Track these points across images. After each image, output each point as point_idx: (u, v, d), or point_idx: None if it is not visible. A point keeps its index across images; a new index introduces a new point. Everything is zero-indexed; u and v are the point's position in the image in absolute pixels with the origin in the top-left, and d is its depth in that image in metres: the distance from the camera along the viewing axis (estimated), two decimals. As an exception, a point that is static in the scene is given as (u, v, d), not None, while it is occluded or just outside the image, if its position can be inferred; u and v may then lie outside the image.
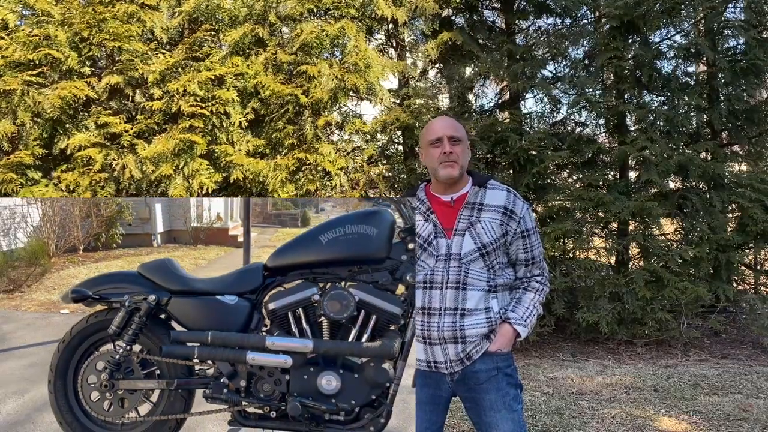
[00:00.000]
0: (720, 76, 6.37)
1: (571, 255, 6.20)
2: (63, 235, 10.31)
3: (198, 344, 2.51)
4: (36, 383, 3.97)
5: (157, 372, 2.64)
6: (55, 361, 2.69)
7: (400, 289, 2.45)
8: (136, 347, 2.64)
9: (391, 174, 6.62)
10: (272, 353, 2.41)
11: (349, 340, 2.39)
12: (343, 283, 2.46)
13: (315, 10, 6.01)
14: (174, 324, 2.69)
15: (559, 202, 6.13)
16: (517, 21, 6.94)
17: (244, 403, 2.48)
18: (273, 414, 2.46)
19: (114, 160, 5.46)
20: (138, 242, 12.80)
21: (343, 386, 2.36)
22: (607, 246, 6.16)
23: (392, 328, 2.39)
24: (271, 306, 2.48)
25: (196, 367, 2.63)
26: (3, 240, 9.13)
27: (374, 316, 2.38)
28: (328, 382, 2.36)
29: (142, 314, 2.58)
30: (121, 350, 2.60)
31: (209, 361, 2.55)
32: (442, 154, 2.00)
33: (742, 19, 6.46)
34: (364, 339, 2.38)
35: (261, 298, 2.58)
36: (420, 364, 2.05)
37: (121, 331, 2.60)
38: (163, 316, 2.69)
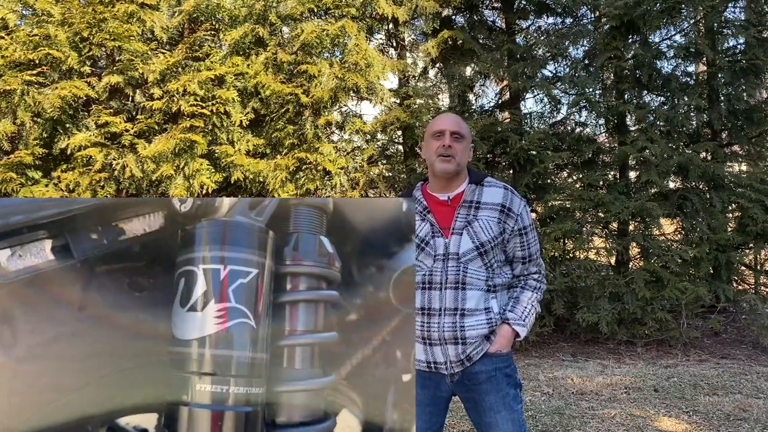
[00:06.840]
0: (720, 76, 6.37)
1: (571, 255, 6.19)
2: None
3: None
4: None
5: None
6: None
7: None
8: None
9: (391, 174, 6.61)
10: None
11: None
12: None
13: (315, 10, 6.01)
14: None
15: (559, 202, 6.12)
16: (517, 20, 6.94)
17: None
18: None
19: (114, 159, 5.47)
20: None
21: None
22: (607, 246, 6.16)
23: None
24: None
25: None
26: None
27: None
28: None
29: None
30: None
31: None
32: (441, 147, 1.98)
33: (742, 18, 6.47)
34: None
35: None
36: (420, 365, 2.02)
37: None
38: None
